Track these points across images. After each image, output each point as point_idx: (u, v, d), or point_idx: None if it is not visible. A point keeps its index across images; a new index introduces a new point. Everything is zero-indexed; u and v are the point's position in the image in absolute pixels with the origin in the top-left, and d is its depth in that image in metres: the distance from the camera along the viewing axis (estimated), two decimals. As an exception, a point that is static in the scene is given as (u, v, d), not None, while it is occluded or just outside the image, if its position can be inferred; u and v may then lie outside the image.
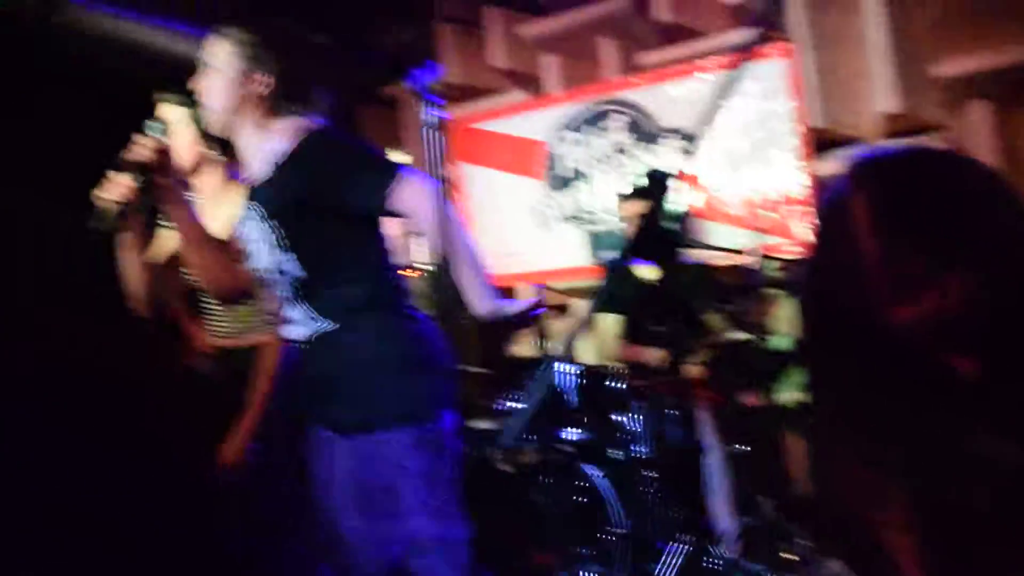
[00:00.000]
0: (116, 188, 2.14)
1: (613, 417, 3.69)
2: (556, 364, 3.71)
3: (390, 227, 2.24)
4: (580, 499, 3.47)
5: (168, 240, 2.69)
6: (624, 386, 3.74)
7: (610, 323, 4.10)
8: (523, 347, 4.00)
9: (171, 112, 2.41)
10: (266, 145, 2.16)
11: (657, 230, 4.00)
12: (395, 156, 3.62)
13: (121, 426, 3.23)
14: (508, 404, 3.79)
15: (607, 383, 3.77)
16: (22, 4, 3.92)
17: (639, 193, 4.05)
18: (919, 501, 0.78)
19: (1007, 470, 0.75)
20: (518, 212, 4.97)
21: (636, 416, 3.66)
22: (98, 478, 3.19)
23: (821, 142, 4.13)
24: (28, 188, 3.48)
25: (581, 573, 3.40)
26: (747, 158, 4.31)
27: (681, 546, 3.38)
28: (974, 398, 0.76)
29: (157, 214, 2.54)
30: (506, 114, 5.15)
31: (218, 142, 2.59)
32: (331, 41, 5.02)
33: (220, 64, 2.17)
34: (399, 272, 2.21)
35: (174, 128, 2.36)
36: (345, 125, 4.37)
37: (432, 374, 2.14)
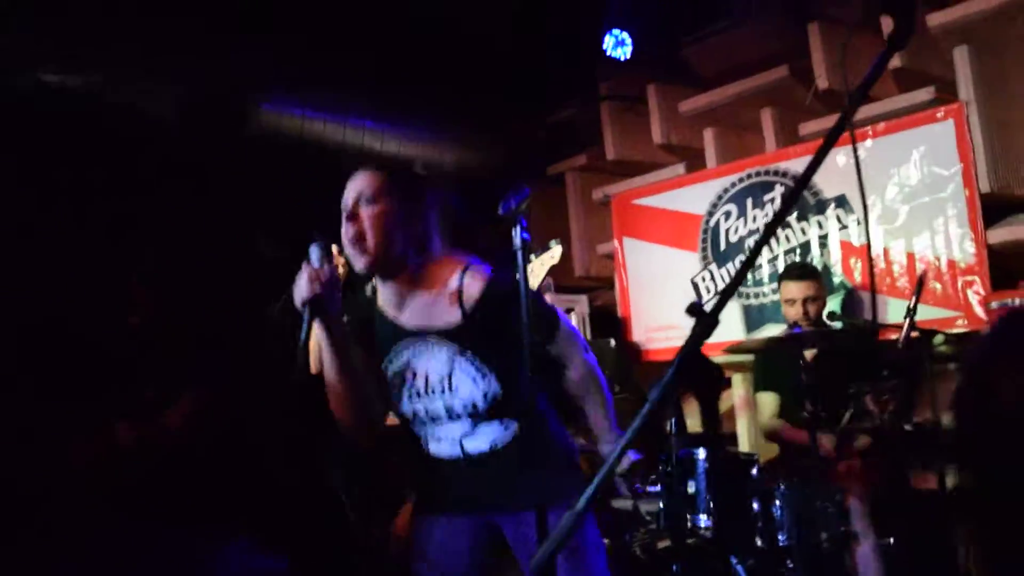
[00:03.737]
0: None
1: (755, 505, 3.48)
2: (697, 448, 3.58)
3: None
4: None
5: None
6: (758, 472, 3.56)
7: (768, 401, 3.90)
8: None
9: None
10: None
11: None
12: (553, 247, 3.69)
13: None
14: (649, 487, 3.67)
15: (751, 469, 3.58)
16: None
17: (798, 273, 3.91)
18: None
19: None
20: (676, 286, 4.88)
21: (781, 504, 3.45)
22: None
23: (991, 206, 3.78)
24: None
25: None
26: (913, 226, 4.02)
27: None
28: None
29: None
30: (667, 188, 5.10)
31: None
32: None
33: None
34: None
35: None
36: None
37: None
